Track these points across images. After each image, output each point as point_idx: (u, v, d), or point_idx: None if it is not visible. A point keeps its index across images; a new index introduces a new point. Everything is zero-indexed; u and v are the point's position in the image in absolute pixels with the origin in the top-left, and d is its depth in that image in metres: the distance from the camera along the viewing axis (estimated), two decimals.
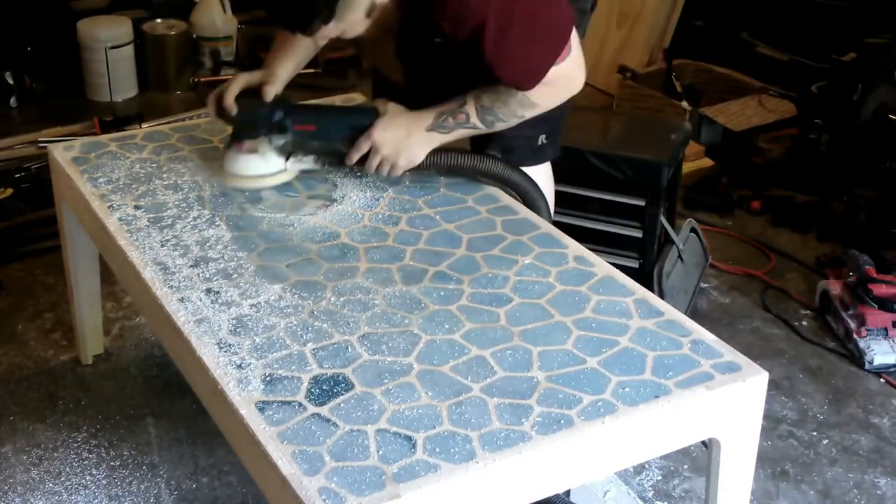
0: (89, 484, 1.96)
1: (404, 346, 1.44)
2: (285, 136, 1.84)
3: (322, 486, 1.18)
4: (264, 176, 1.86)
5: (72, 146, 2.01)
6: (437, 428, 1.28)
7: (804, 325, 2.60)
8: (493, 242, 1.71)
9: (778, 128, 3.43)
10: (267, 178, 1.86)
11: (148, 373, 2.28)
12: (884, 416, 2.26)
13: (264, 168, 1.86)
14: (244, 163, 1.85)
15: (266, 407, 1.31)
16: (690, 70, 3.77)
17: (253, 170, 1.86)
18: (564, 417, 1.30)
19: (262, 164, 1.86)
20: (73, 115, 3.51)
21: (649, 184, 2.39)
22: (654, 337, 1.48)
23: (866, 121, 3.21)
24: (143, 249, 1.66)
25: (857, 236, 2.90)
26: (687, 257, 2.56)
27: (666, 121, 2.94)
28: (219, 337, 1.45)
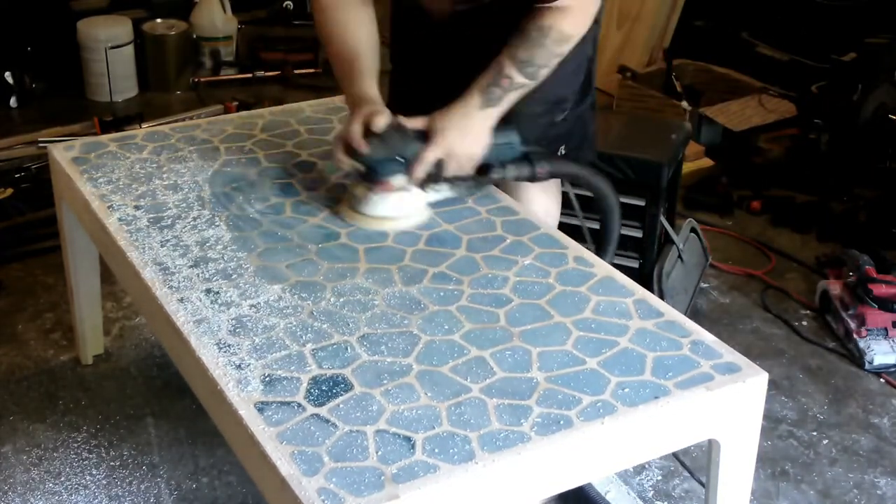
0: (89, 484, 1.96)
1: (404, 347, 1.44)
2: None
3: (321, 486, 1.18)
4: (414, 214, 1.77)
5: (72, 146, 2.02)
6: (436, 428, 1.28)
7: (804, 325, 2.60)
8: (492, 243, 1.71)
9: (778, 128, 3.43)
10: (419, 215, 1.77)
11: (148, 373, 2.29)
12: (884, 416, 2.27)
13: (411, 204, 1.77)
14: (390, 203, 1.74)
15: (265, 407, 1.31)
16: (690, 70, 3.77)
17: (401, 209, 1.75)
18: (564, 418, 1.30)
19: (408, 201, 1.76)
20: (73, 115, 3.51)
21: (649, 184, 2.39)
22: (653, 337, 1.48)
23: (866, 121, 3.22)
24: (142, 249, 1.66)
25: (857, 236, 2.90)
26: (687, 257, 2.56)
27: (666, 121, 2.94)
28: (218, 337, 1.45)
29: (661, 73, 3.71)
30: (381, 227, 1.74)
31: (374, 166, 1.70)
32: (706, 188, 3.19)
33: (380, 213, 1.74)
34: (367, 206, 1.74)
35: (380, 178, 1.71)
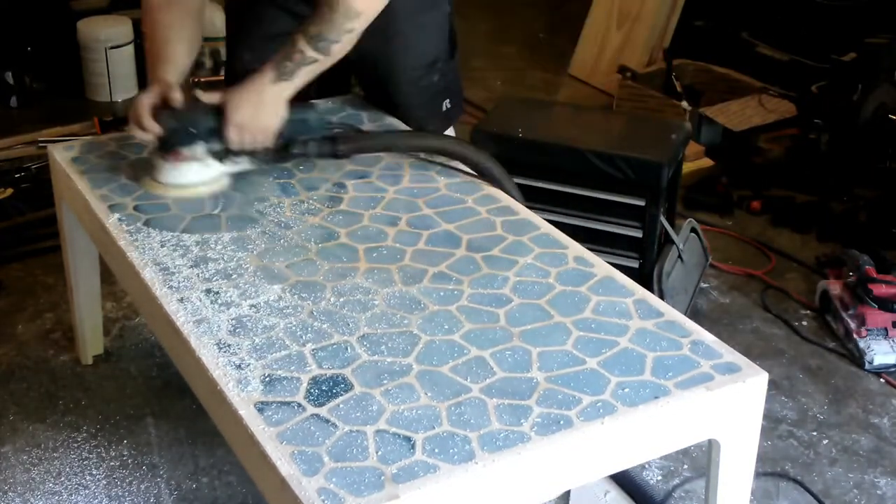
0: (89, 484, 1.96)
1: (404, 347, 1.44)
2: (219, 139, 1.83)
3: (321, 486, 1.18)
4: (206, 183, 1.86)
5: (72, 146, 2.02)
6: (436, 428, 1.28)
7: (804, 325, 2.60)
8: (492, 243, 1.71)
9: (778, 128, 3.43)
10: (211, 184, 1.86)
11: (148, 373, 2.28)
12: (884, 416, 2.26)
13: (204, 173, 1.86)
14: (184, 172, 1.85)
15: (265, 407, 1.31)
16: (690, 70, 3.77)
17: (193, 177, 1.85)
18: (564, 418, 1.30)
19: (201, 171, 1.86)
20: (73, 115, 3.51)
21: (649, 184, 2.39)
22: (653, 337, 1.48)
23: (866, 121, 3.21)
24: (142, 250, 1.66)
25: (857, 236, 2.90)
26: (687, 257, 2.55)
27: (666, 121, 2.94)
28: (218, 337, 1.45)
29: (661, 73, 3.71)
30: (179, 194, 1.83)
31: (167, 137, 1.81)
32: (706, 188, 3.19)
33: (175, 181, 1.84)
34: (164, 174, 1.85)
35: (172, 149, 1.83)
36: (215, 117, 1.80)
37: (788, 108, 3.48)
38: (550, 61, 4.40)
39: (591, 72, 4.16)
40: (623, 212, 2.45)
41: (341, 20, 1.78)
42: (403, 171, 1.95)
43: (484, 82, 4.15)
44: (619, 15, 4.08)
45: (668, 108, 3.44)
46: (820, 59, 3.59)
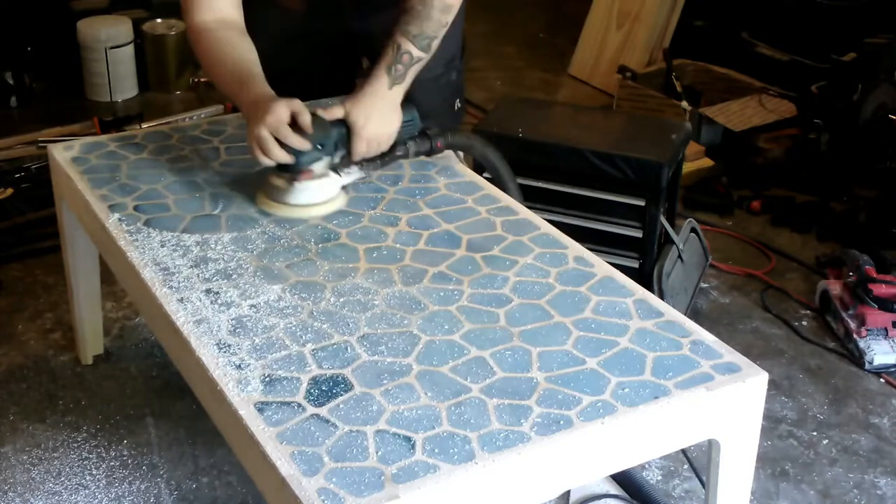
0: (89, 484, 1.96)
1: (404, 347, 1.44)
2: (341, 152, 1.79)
3: (321, 486, 1.18)
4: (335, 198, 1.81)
5: (72, 146, 2.01)
6: (436, 429, 1.28)
7: (804, 325, 2.60)
8: (492, 243, 1.71)
9: (778, 128, 3.43)
10: (338, 199, 1.82)
11: (148, 373, 2.29)
12: (884, 416, 2.26)
13: (333, 189, 1.81)
14: (316, 190, 1.78)
15: (265, 407, 1.31)
16: (690, 70, 3.77)
17: (327, 194, 1.80)
18: (564, 418, 1.30)
19: (331, 186, 1.80)
20: (73, 115, 3.51)
21: (649, 184, 2.39)
22: (653, 338, 1.48)
23: (866, 121, 3.22)
24: (142, 250, 1.66)
25: (857, 236, 2.90)
26: (687, 257, 2.55)
27: (666, 121, 2.93)
28: (218, 337, 1.44)
29: (661, 73, 3.71)
30: (306, 214, 1.78)
31: (298, 156, 1.73)
32: (706, 188, 3.19)
33: (304, 200, 1.78)
34: (292, 195, 1.78)
35: (302, 168, 1.76)
36: (339, 131, 1.77)
37: (788, 108, 3.48)
38: (550, 61, 4.40)
39: (591, 72, 4.16)
40: (623, 212, 2.45)
41: (439, 15, 1.83)
42: (403, 170, 1.95)
43: (484, 82, 4.15)
44: (619, 15, 4.08)
45: (668, 108, 3.44)
46: (820, 59, 3.59)
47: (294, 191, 1.78)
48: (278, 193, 1.79)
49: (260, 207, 1.80)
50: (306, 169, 1.76)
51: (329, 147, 1.77)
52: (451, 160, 2.01)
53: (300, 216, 1.77)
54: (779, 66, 3.77)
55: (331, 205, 1.80)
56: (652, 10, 3.96)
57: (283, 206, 1.78)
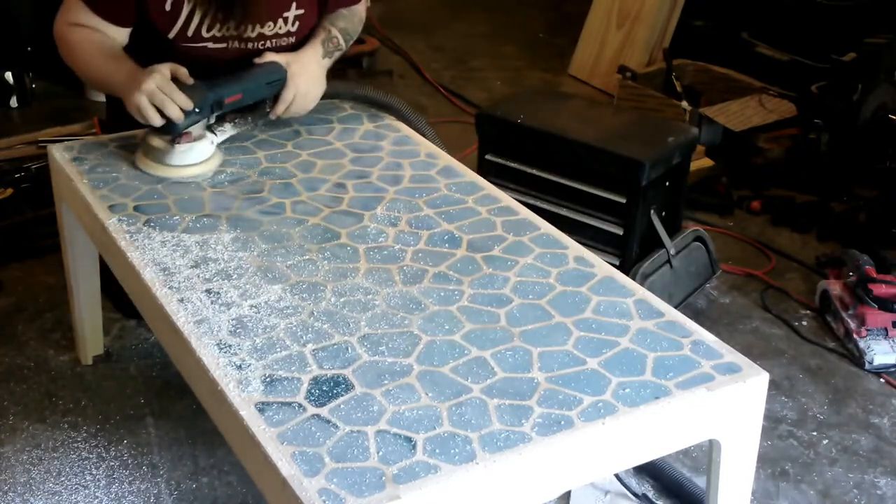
0: (89, 484, 1.96)
1: (404, 347, 1.44)
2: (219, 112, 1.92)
3: (322, 487, 1.18)
4: (212, 157, 1.92)
5: (72, 146, 2.01)
6: (437, 429, 1.28)
7: (804, 325, 2.60)
8: (493, 243, 1.71)
9: (778, 128, 3.43)
10: (214, 158, 1.92)
11: (148, 373, 2.28)
12: (884, 416, 2.26)
13: (210, 149, 1.92)
14: (195, 152, 1.89)
15: (266, 408, 1.31)
16: (690, 70, 3.76)
17: (203, 154, 1.90)
18: (564, 418, 1.30)
19: (207, 147, 1.91)
20: (73, 115, 3.51)
21: (630, 181, 2.39)
22: (654, 338, 1.48)
23: (866, 121, 3.22)
24: (142, 250, 1.66)
25: (857, 236, 2.90)
26: (681, 264, 2.54)
27: (672, 123, 2.91)
28: (219, 338, 1.44)
29: (661, 73, 3.71)
30: (187, 174, 1.88)
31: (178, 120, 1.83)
32: (706, 188, 3.19)
33: (187, 161, 1.88)
34: (175, 157, 1.88)
35: (183, 130, 1.86)
36: (214, 93, 1.88)
37: (788, 108, 3.48)
38: (550, 61, 4.40)
39: (591, 72, 4.16)
40: (606, 207, 2.45)
41: (357, 23, 2.17)
42: (403, 171, 1.95)
43: (484, 82, 4.16)
44: (619, 15, 4.08)
45: (668, 108, 3.43)
46: (820, 59, 3.59)
47: (175, 153, 1.88)
48: (158, 154, 1.89)
49: (141, 168, 1.90)
50: (186, 131, 1.86)
51: (205, 109, 1.87)
52: (451, 161, 2.01)
53: (180, 176, 1.87)
54: (779, 66, 3.77)
55: (208, 164, 1.90)
56: (652, 10, 3.96)
57: (164, 166, 1.88)
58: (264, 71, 1.97)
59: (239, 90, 1.93)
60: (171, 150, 1.87)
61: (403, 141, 2.08)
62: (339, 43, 2.09)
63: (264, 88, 1.97)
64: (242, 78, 1.95)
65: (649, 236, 2.48)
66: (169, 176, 1.87)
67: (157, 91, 1.81)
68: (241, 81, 1.94)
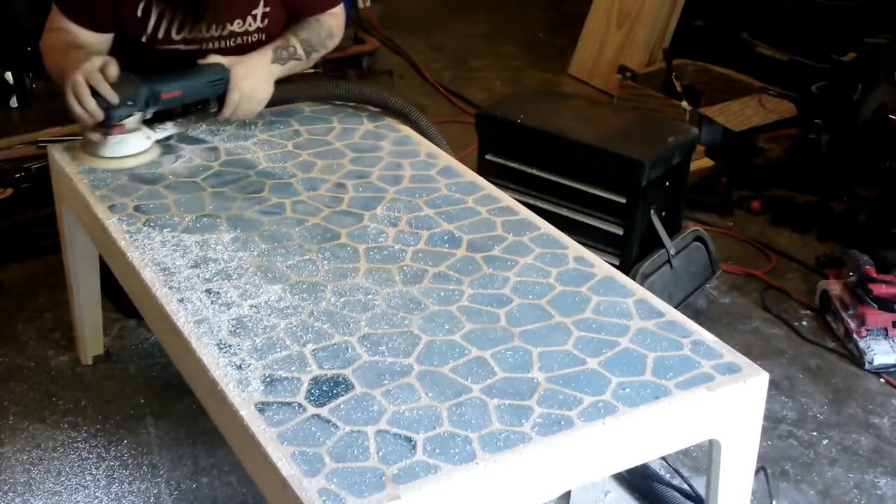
0: (89, 484, 1.96)
1: (404, 347, 1.43)
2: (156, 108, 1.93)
3: (322, 487, 1.18)
4: (146, 151, 1.94)
5: (72, 147, 2.01)
6: (437, 429, 1.28)
7: (804, 325, 2.60)
8: (493, 243, 1.71)
9: (778, 128, 3.43)
10: (149, 152, 1.95)
11: (148, 373, 2.28)
12: (884, 416, 2.26)
13: (145, 143, 1.95)
14: (128, 144, 1.92)
15: (266, 408, 1.31)
16: (690, 70, 3.77)
17: (137, 147, 1.93)
18: (565, 418, 1.30)
19: (142, 140, 1.94)
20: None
21: (630, 181, 2.39)
22: (654, 338, 1.48)
23: (866, 121, 3.22)
24: (142, 250, 1.66)
25: (857, 236, 2.90)
26: (681, 265, 2.54)
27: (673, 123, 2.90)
28: (218, 338, 1.44)
29: (661, 73, 3.71)
30: (120, 165, 1.91)
31: (111, 111, 1.88)
32: (706, 188, 3.19)
33: (118, 153, 1.92)
34: (106, 148, 1.92)
35: (115, 122, 1.90)
36: (148, 87, 1.90)
37: (788, 108, 3.48)
38: (550, 61, 4.40)
39: (591, 72, 4.16)
40: (606, 207, 2.45)
41: (325, 37, 2.15)
42: (404, 170, 1.95)
43: (484, 82, 4.16)
44: (619, 15, 4.08)
45: (668, 108, 3.43)
46: (820, 59, 3.59)
47: (107, 144, 1.91)
48: (93, 147, 1.93)
49: (78, 162, 1.93)
50: (118, 123, 1.90)
51: (140, 103, 1.90)
52: (451, 161, 2.01)
53: (113, 167, 1.90)
54: (779, 66, 3.77)
55: (142, 157, 1.93)
56: (652, 10, 3.96)
57: (98, 158, 1.92)
58: (206, 70, 1.98)
59: (177, 87, 1.95)
60: (104, 141, 1.91)
61: (403, 141, 2.09)
62: (295, 51, 2.07)
63: (206, 87, 1.98)
64: (183, 75, 1.97)
65: (649, 236, 2.48)
66: (101, 167, 1.91)
67: (82, 82, 1.84)
68: (180, 79, 1.96)
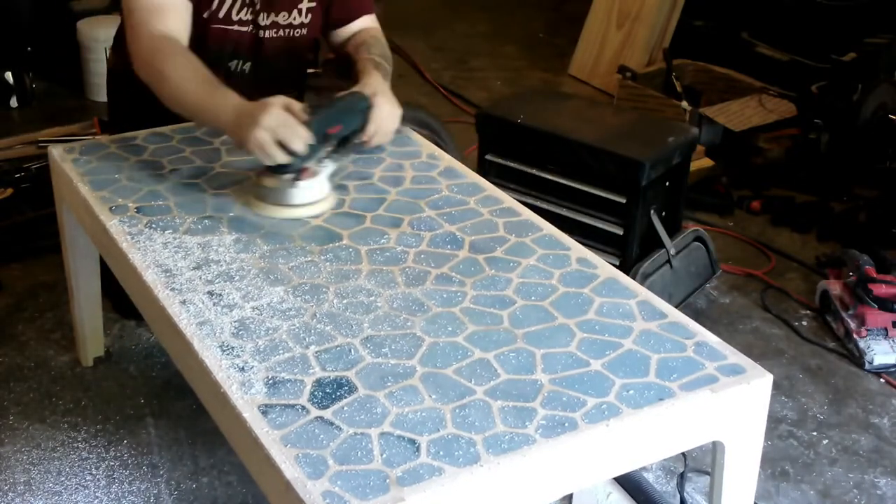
0: (89, 484, 1.96)
1: (407, 349, 1.43)
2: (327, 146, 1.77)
3: (326, 489, 1.18)
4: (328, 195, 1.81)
5: (72, 147, 2.01)
6: (440, 431, 1.28)
7: (804, 325, 2.60)
8: (495, 244, 1.71)
9: (778, 128, 3.43)
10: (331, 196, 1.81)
11: (148, 373, 2.28)
12: (884, 416, 2.27)
13: (328, 184, 1.81)
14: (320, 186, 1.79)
15: (269, 410, 1.31)
16: (690, 70, 3.77)
17: (325, 190, 1.80)
18: (568, 420, 1.30)
19: (326, 181, 1.80)
20: (73, 115, 3.50)
21: (630, 181, 2.39)
22: (657, 339, 1.48)
23: (866, 121, 3.22)
24: (144, 252, 1.65)
25: (857, 236, 2.90)
26: (681, 265, 2.54)
27: (673, 123, 2.91)
28: (221, 340, 1.44)
29: (661, 73, 3.71)
30: (309, 212, 1.77)
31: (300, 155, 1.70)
32: (706, 188, 3.19)
33: (310, 199, 1.77)
34: (293, 196, 1.76)
35: (302, 166, 1.73)
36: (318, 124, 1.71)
37: (788, 108, 3.48)
38: (550, 61, 4.40)
39: (591, 72, 4.16)
40: (606, 207, 2.46)
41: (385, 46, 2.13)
42: (405, 172, 1.95)
43: (484, 82, 4.16)
44: (619, 15, 4.08)
45: (668, 108, 3.43)
46: (820, 59, 3.59)
47: (295, 191, 1.76)
48: (273, 194, 1.77)
49: (256, 212, 1.77)
50: (305, 167, 1.74)
51: (321, 142, 1.74)
52: (453, 163, 2.01)
53: (300, 216, 1.76)
54: (779, 66, 3.77)
55: (328, 201, 1.80)
56: (652, 10, 3.96)
57: (282, 207, 1.77)
58: (354, 99, 1.83)
59: (337, 121, 1.77)
60: (290, 188, 1.75)
61: (404, 142, 2.08)
62: (386, 67, 2.02)
63: (358, 116, 1.82)
64: (336, 107, 1.80)
65: (649, 236, 2.48)
66: (290, 217, 1.75)
67: (280, 127, 1.66)
68: (337, 111, 1.79)
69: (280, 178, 1.75)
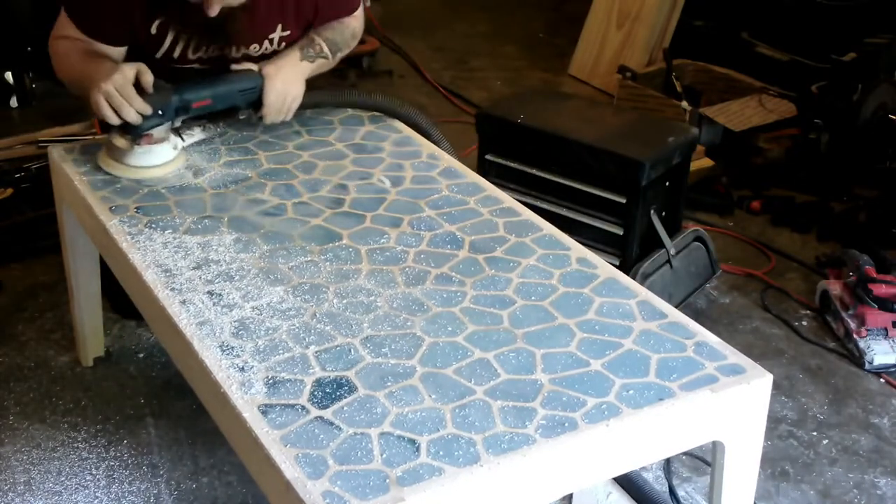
0: (89, 484, 1.96)
1: (407, 349, 1.43)
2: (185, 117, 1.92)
3: (326, 489, 1.18)
4: (173, 160, 1.91)
5: (72, 147, 2.01)
6: (440, 431, 1.28)
7: (804, 325, 2.60)
8: (495, 244, 1.71)
9: (778, 128, 3.43)
10: (176, 161, 1.92)
11: (148, 373, 2.28)
12: (884, 416, 2.27)
13: (171, 153, 1.92)
14: (154, 154, 1.89)
15: (269, 410, 1.31)
16: (690, 70, 3.76)
17: (165, 157, 1.90)
18: (568, 420, 1.30)
19: (168, 150, 1.91)
20: (73, 115, 3.50)
21: (630, 181, 2.39)
22: (657, 339, 1.48)
23: (866, 121, 3.22)
24: (144, 252, 1.65)
25: (857, 236, 2.90)
26: (681, 265, 2.54)
27: (673, 123, 2.91)
28: (221, 340, 1.44)
29: (661, 73, 3.71)
30: (147, 175, 1.88)
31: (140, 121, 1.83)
32: (706, 188, 3.19)
33: (145, 163, 1.88)
34: (134, 157, 1.88)
35: (144, 132, 1.86)
36: (178, 97, 1.88)
37: (788, 108, 3.48)
38: (550, 61, 4.40)
39: (591, 72, 4.16)
40: (606, 207, 2.46)
41: (349, 35, 2.17)
42: (405, 172, 1.95)
43: (484, 82, 4.15)
44: (619, 15, 4.08)
45: (668, 108, 3.43)
46: (820, 59, 3.59)
47: (135, 154, 1.87)
48: (119, 153, 1.88)
49: (102, 167, 1.89)
50: (147, 133, 1.86)
51: (170, 113, 1.87)
52: (453, 162, 2.01)
53: (140, 177, 1.87)
54: (779, 66, 3.77)
55: (169, 167, 1.90)
56: (652, 10, 3.96)
57: (123, 166, 1.88)
58: (238, 78, 1.96)
59: (208, 96, 1.92)
60: (131, 150, 1.87)
61: (405, 142, 2.08)
62: (321, 50, 2.07)
63: (236, 96, 1.96)
64: (214, 83, 1.94)
65: (649, 236, 2.48)
66: (127, 176, 1.87)
67: (115, 93, 1.80)
68: (211, 87, 1.93)
69: (124, 138, 1.88)
